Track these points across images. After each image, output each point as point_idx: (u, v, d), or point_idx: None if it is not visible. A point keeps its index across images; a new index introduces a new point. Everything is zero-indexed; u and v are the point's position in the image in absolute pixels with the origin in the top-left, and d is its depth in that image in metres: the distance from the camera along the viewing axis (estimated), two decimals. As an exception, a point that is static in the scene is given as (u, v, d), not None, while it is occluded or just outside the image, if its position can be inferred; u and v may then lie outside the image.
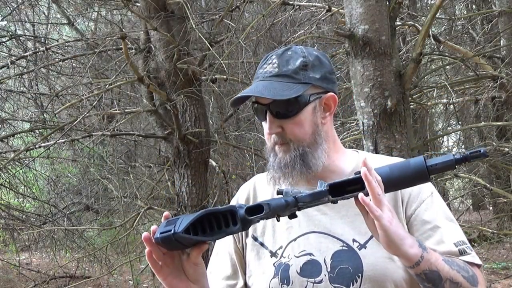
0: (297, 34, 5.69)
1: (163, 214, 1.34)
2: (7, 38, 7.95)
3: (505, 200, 6.54)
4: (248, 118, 7.51)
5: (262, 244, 1.57)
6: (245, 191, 1.66)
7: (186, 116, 5.74)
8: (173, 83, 5.61)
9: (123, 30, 6.22)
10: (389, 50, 3.64)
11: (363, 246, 1.47)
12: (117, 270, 7.98)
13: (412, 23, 5.61)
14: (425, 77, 7.12)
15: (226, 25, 6.01)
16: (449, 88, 5.60)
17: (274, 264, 1.52)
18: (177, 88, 5.58)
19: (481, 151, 1.30)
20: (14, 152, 6.69)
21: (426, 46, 6.83)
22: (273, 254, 1.54)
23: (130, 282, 8.34)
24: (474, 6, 9.23)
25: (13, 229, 8.15)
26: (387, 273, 1.45)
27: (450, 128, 8.78)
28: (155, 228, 1.31)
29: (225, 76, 6.01)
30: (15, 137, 7.55)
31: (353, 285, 1.45)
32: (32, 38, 8.34)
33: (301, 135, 1.49)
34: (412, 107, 5.64)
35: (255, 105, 1.53)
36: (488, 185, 6.01)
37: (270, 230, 1.57)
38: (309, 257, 1.49)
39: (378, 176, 1.31)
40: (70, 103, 6.22)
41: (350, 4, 3.65)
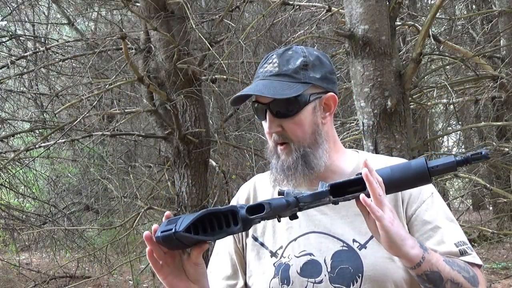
0: (297, 34, 5.68)
1: (165, 214, 1.34)
2: (7, 38, 7.94)
3: (505, 200, 6.54)
4: (248, 118, 7.51)
5: (262, 244, 1.57)
6: (245, 191, 1.65)
7: (186, 116, 5.74)
8: (173, 83, 5.61)
9: (123, 30, 6.21)
10: (389, 50, 3.64)
11: (363, 246, 1.47)
12: (117, 270, 7.97)
13: (412, 23, 5.60)
14: (425, 77, 7.11)
15: (226, 25, 6.01)
16: (449, 88, 5.60)
17: (274, 264, 1.52)
18: (177, 88, 5.58)
19: (483, 153, 1.29)
20: (14, 152, 6.69)
21: (426, 46, 6.83)
22: (273, 254, 1.54)
23: (130, 282, 8.34)
24: (474, 6, 9.23)
25: (13, 229, 8.14)
26: (387, 273, 1.45)
27: (450, 128, 8.78)
28: (156, 227, 1.31)
29: (225, 76, 6.00)
30: (15, 137, 7.55)
31: (353, 285, 1.45)
32: (32, 38, 8.33)
33: (301, 135, 1.49)
34: (412, 107, 5.63)
35: (255, 104, 1.53)
36: (488, 185, 5.99)
37: (270, 230, 1.57)
38: (309, 257, 1.49)
39: (379, 177, 1.31)
40: (70, 103, 6.22)
41: (350, 4, 3.65)
